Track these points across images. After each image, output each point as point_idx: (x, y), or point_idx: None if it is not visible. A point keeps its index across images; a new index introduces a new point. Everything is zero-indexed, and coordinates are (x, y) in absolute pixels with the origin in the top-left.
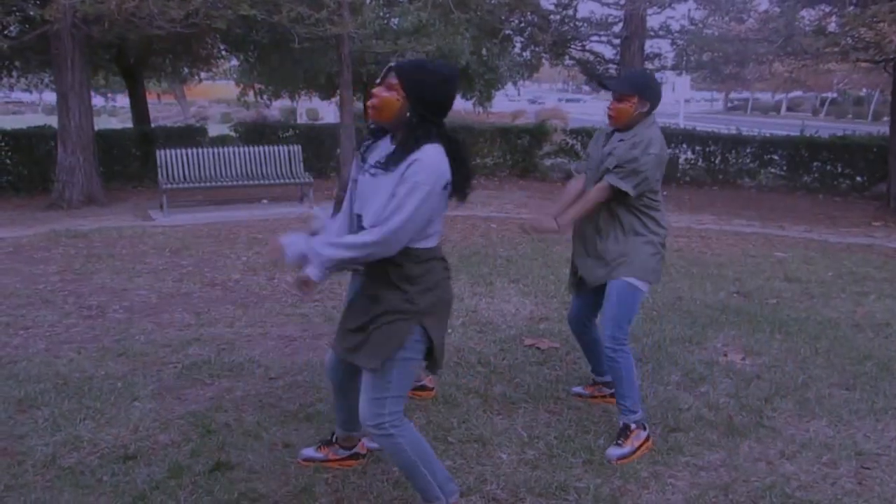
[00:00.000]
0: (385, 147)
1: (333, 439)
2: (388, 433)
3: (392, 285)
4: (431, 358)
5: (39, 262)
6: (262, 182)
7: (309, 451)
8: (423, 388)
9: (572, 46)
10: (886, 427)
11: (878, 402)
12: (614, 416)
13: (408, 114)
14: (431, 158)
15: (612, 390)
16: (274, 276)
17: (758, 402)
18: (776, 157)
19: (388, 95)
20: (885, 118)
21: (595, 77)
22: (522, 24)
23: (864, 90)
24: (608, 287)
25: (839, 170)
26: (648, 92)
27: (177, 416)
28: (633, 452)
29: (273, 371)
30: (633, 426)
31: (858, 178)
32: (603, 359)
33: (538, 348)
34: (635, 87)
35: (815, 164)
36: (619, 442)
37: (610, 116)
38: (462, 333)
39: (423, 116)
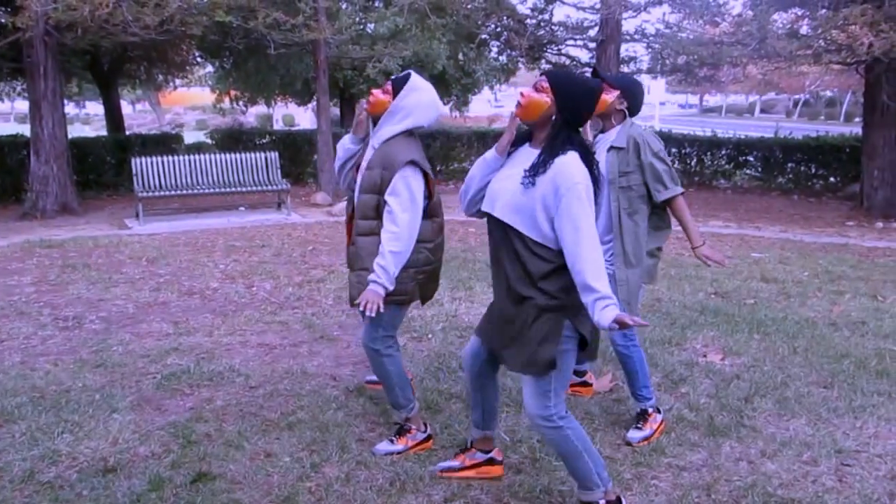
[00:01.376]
0: (526, 152)
1: (469, 444)
2: (557, 425)
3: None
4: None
5: (13, 273)
6: (238, 189)
7: (445, 463)
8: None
9: (548, 50)
10: (865, 424)
11: (856, 400)
12: (596, 418)
13: (554, 117)
14: (578, 163)
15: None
16: (252, 285)
17: (738, 402)
18: (751, 159)
19: (537, 97)
20: (858, 119)
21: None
22: (499, 29)
23: (837, 92)
24: None
25: (813, 170)
26: (629, 93)
27: (156, 427)
28: (653, 434)
29: (253, 380)
30: (650, 410)
31: (832, 179)
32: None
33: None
34: (619, 83)
35: (789, 164)
36: (640, 426)
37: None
38: (442, 339)
39: (567, 122)
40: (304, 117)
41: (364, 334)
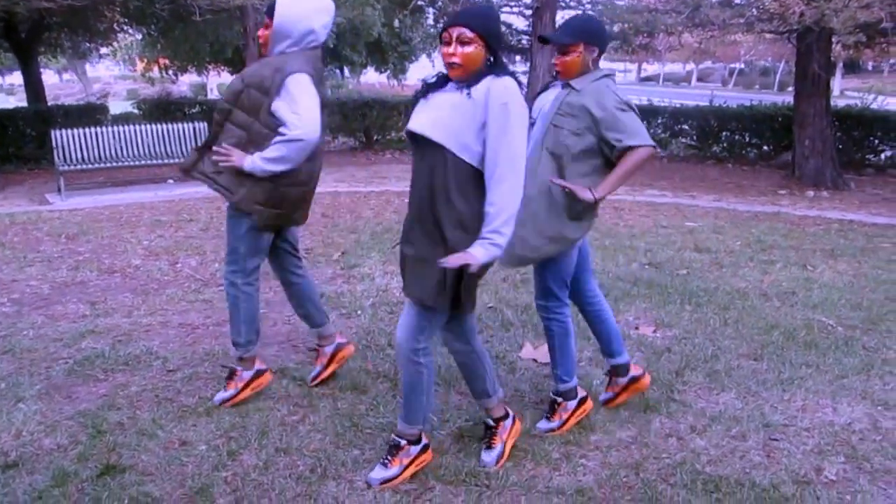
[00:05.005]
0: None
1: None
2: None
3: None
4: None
5: None
6: (167, 161)
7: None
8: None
9: None
10: (793, 397)
11: (784, 373)
12: (526, 396)
13: (490, 60)
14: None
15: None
16: (177, 261)
17: (668, 376)
18: (686, 128)
19: (471, 50)
20: (791, 88)
21: (519, 37)
22: None
23: (770, 61)
24: None
25: (747, 139)
26: (593, 37)
27: (65, 416)
28: (563, 425)
29: (172, 363)
30: (559, 400)
31: (765, 148)
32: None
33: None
34: (578, 35)
35: (724, 133)
36: (548, 416)
37: (558, 72)
38: (372, 314)
39: (496, 56)
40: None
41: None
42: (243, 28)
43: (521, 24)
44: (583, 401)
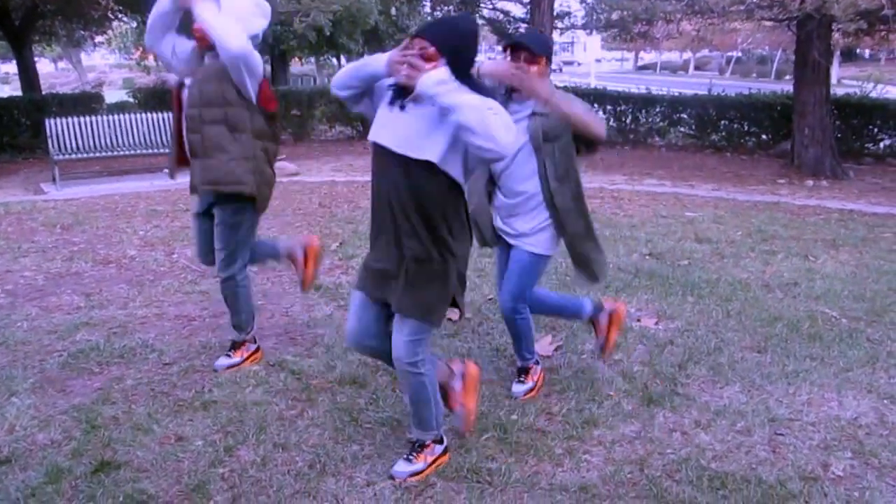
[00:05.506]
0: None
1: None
2: (421, 371)
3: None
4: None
5: None
6: (163, 150)
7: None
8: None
9: (482, 5)
10: (798, 390)
11: (788, 365)
12: None
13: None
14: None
15: None
16: (173, 252)
17: (672, 369)
18: (685, 116)
19: (430, 68)
20: (788, 76)
21: (506, 36)
22: None
23: (768, 49)
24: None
25: (745, 128)
26: (551, 54)
27: (59, 411)
28: (535, 386)
29: (168, 355)
30: (531, 363)
31: (764, 137)
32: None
33: (450, 319)
34: (545, 49)
35: (722, 122)
36: (522, 379)
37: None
38: None
39: (460, 75)
40: None
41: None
42: None
43: (518, 11)
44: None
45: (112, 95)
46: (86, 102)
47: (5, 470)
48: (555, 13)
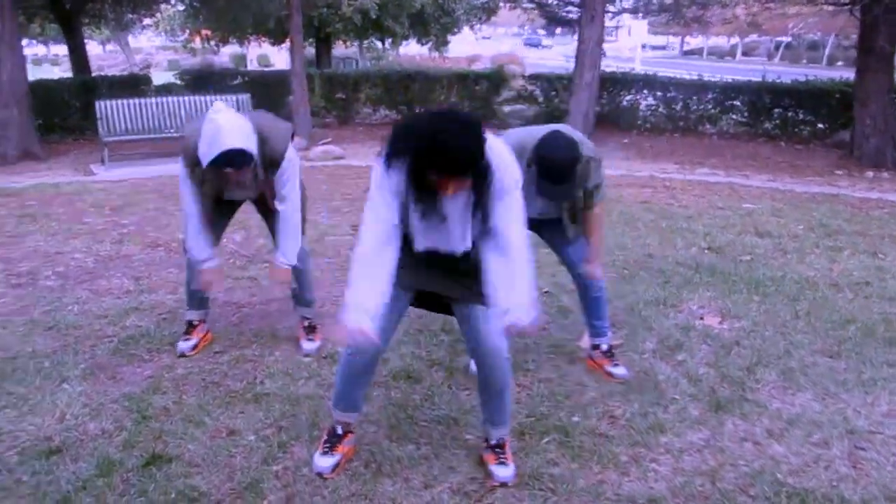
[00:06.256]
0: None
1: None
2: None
3: None
4: None
5: None
6: None
7: None
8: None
9: None
10: (877, 400)
11: (865, 372)
12: (589, 388)
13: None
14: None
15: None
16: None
17: (739, 373)
18: (737, 104)
19: (467, 182)
20: (840, 63)
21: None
22: None
23: (819, 35)
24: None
25: (801, 116)
26: None
27: (110, 399)
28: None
29: (218, 344)
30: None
31: (820, 125)
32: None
33: None
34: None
35: (776, 110)
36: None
37: None
38: None
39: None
40: (279, 57)
41: None
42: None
43: None
44: None
45: (159, 77)
46: (134, 84)
47: (56, 461)
48: None
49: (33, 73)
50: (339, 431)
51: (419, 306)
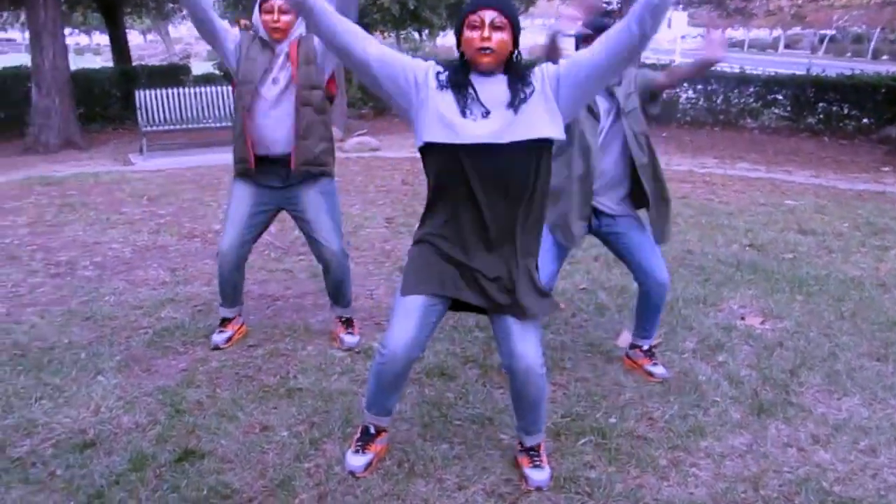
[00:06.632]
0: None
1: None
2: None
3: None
4: None
5: (9, 212)
6: None
7: None
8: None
9: None
10: None
11: None
12: (627, 388)
13: (515, 53)
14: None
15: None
16: None
17: (783, 375)
18: (780, 97)
19: (505, 37)
20: (886, 56)
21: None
22: None
23: (864, 27)
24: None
25: (845, 111)
26: None
27: (144, 392)
28: None
29: (252, 337)
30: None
31: (865, 120)
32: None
33: None
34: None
35: (820, 104)
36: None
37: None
38: None
39: (519, 53)
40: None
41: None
42: None
43: None
44: None
45: (198, 67)
46: (174, 74)
47: (90, 454)
48: None
49: (76, 63)
50: (372, 431)
51: (455, 310)
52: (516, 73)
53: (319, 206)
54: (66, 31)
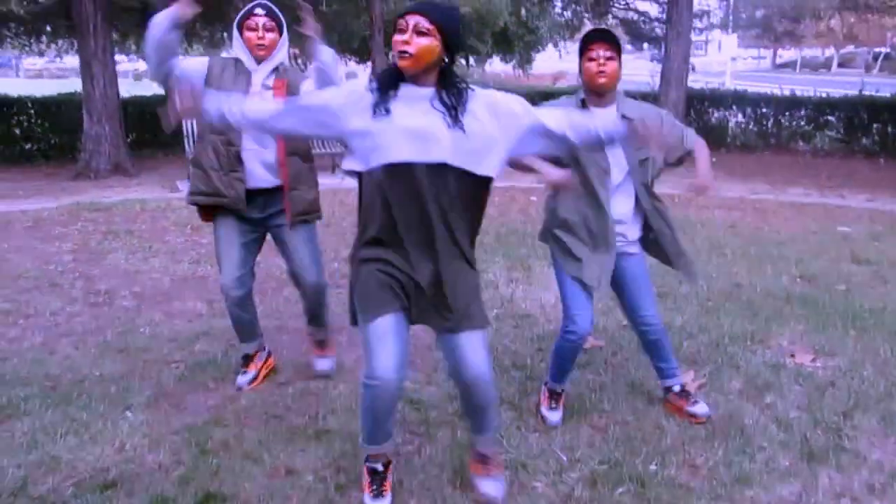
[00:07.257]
0: (416, 96)
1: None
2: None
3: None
4: None
5: (55, 238)
6: None
7: None
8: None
9: (615, 4)
10: None
11: None
12: (669, 433)
13: (445, 59)
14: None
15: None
16: None
17: (835, 418)
18: (832, 119)
19: (427, 42)
20: None
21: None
22: None
23: None
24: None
25: None
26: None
27: (171, 430)
28: None
29: (284, 374)
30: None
31: None
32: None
33: (583, 350)
34: (616, 44)
35: (875, 125)
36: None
37: (603, 74)
38: (496, 328)
39: (453, 61)
40: (363, 76)
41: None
42: (370, 17)
43: (654, 11)
44: None
45: None
46: None
47: (110, 495)
48: (693, 12)
49: (133, 89)
50: (380, 468)
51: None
52: (447, 85)
53: (299, 236)
54: (124, 57)
